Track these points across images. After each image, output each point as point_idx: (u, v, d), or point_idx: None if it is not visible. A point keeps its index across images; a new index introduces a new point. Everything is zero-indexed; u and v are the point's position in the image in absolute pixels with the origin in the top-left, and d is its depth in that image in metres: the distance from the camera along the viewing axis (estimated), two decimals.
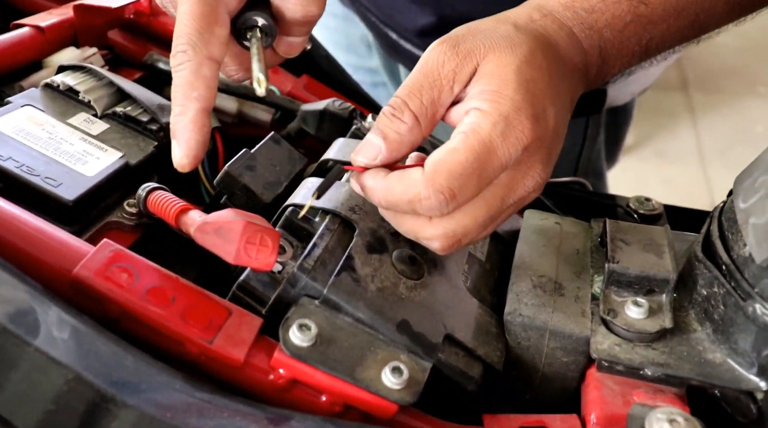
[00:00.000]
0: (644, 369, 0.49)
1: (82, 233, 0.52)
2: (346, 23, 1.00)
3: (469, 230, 0.48)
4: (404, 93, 0.48)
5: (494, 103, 0.47)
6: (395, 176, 0.48)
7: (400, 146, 0.48)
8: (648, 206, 0.68)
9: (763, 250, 0.47)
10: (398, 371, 0.45)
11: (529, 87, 0.47)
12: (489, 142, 0.46)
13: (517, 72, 0.47)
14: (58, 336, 0.42)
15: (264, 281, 0.49)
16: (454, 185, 0.46)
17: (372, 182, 0.48)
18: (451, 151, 0.46)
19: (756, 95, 2.83)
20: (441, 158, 0.46)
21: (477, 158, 0.46)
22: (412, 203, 0.47)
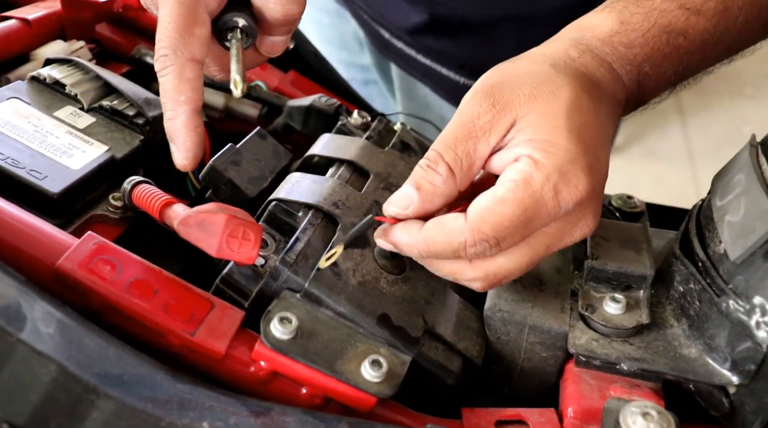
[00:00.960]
0: (620, 364, 0.49)
1: (67, 225, 0.52)
2: (338, 20, 1.01)
3: (511, 272, 0.48)
4: (440, 146, 0.47)
5: (547, 153, 0.45)
6: (434, 226, 0.47)
7: (434, 198, 0.47)
8: (630, 204, 0.69)
9: (737, 247, 0.48)
10: (377, 364, 0.46)
11: (581, 134, 0.46)
12: (540, 196, 0.45)
13: (567, 119, 0.46)
14: (43, 328, 0.43)
15: (247, 274, 0.50)
16: (499, 236, 0.45)
17: (407, 237, 0.48)
18: (499, 202, 0.45)
19: (744, 97, 2.85)
20: (488, 207, 0.45)
21: (525, 212, 0.45)
22: (455, 252, 0.46)
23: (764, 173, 0.48)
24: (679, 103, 2.91)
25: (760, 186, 0.47)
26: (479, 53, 0.86)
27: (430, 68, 0.90)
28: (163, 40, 0.49)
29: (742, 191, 0.49)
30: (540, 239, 0.47)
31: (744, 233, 0.47)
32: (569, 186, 0.45)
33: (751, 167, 0.49)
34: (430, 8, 0.85)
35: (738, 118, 2.71)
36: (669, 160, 2.66)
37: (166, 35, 0.49)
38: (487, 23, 0.82)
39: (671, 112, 2.86)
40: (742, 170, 0.50)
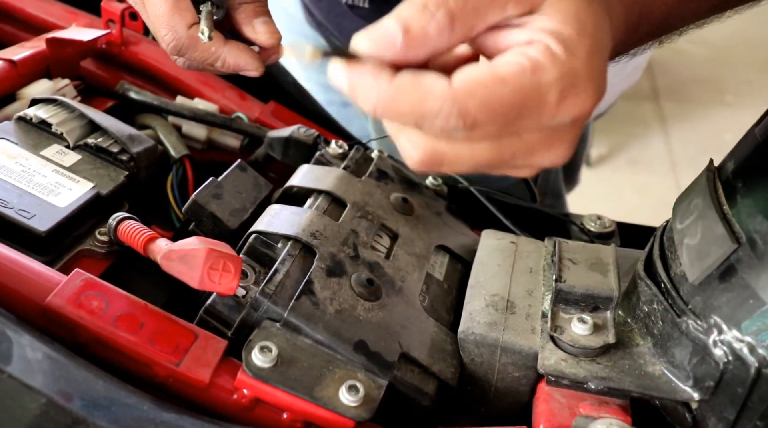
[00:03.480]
0: (588, 383, 0.52)
1: (55, 262, 0.54)
2: (313, 42, 1.03)
3: (460, 162, 0.42)
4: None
5: (569, 52, 0.39)
6: (410, 81, 0.39)
7: (419, 48, 0.39)
8: (600, 224, 0.71)
9: (695, 269, 0.50)
10: (354, 389, 0.48)
11: (601, 49, 0.41)
12: (545, 92, 0.39)
13: (596, 27, 0.40)
14: (31, 362, 0.45)
15: (229, 305, 0.52)
16: (481, 117, 0.38)
17: (371, 83, 0.39)
18: (497, 79, 0.38)
19: (724, 105, 2.89)
20: (482, 81, 0.38)
21: (521, 102, 0.38)
22: (421, 118, 0.39)
23: (719, 199, 0.51)
24: (660, 113, 2.95)
25: (715, 211, 0.50)
26: None
27: None
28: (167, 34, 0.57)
29: (699, 215, 0.52)
30: (512, 144, 0.41)
31: (700, 256, 0.50)
32: (577, 97, 0.39)
33: (707, 193, 0.52)
34: None
35: (719, 125, 2.75)
36: (652, 169, 2.70)
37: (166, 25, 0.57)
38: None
39: (653, 121, 2.90)
40: (700, 194, 0.53)
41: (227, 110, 0.77)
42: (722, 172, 0.52)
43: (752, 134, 0.52)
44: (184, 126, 0.74)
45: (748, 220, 0.47)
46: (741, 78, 3.00)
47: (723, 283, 0.48)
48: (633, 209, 2.44)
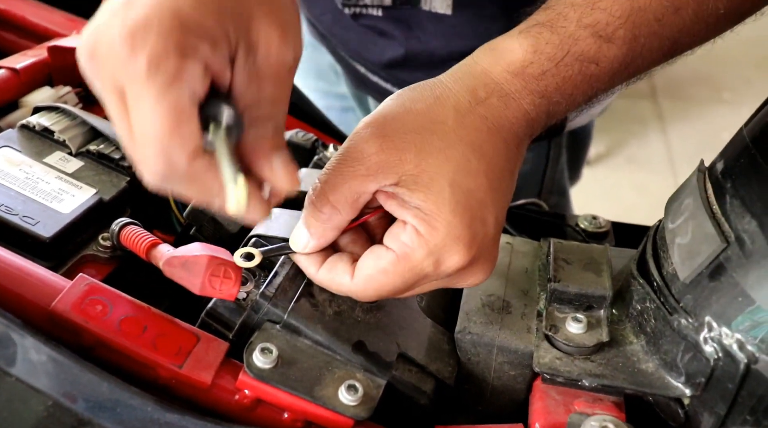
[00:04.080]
0: (582, 381, 0.53)
1: (59, 267, 0.56)
2: (314, 52, 1.04)
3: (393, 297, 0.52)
4: (324, 179, 0.48)
5: (430, 228, 0.47)
6: (325, 275, 0.50)
7: (325, 233, 0.50)
8: (595, 224, 0.72)
9: (686, 268, 0.51)
10: (353, 388, 0.49)
11: (467, 203, 0.48)
12: (420, 269, 0.48)
13: (453, 187, 0.47)
14: (38, 366, 0.46)
15: (230, 308, 0.53)
16: (382, 296, 0.50)
17: (306, 270, 0.52)
18: (380, 272, 0.48)
19: (722, 102, 2.90)
20: (370, 275, 0.48)
21: (405, 282, 0.48)
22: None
23: (709, 199, 0.52)
24: (659, 111, 2.96)
25: (705, 211, 0.51)
26: None
27: None
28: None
29: (690, 215, 0.53)
30: (427, 286, 0.51)
31: (691, 255, 0.51)
32: (450, 259, 0.48)
33: (698, 192, 0.53)
34: (405, 44, 0.88)
35: (716, 123, 2.76)
36: (650, 167, 2.71)
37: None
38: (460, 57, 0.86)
39: (651, 119, 2.92)
40: (691, 194, 0.54)
41: None
42: (712, 172, 0.53)
43: (741, 135, 0.53)
44: None
45: (736, 219, 0.48)
46: (738, 76, 3.01)
47: (713, 281, 0.49)
48: (631, 206, 2.45)
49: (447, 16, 0.83)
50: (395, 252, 0.48)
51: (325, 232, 0.50)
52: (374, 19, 0.88)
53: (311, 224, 0.50)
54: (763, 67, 3.02)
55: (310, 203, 0.49)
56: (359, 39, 0.90)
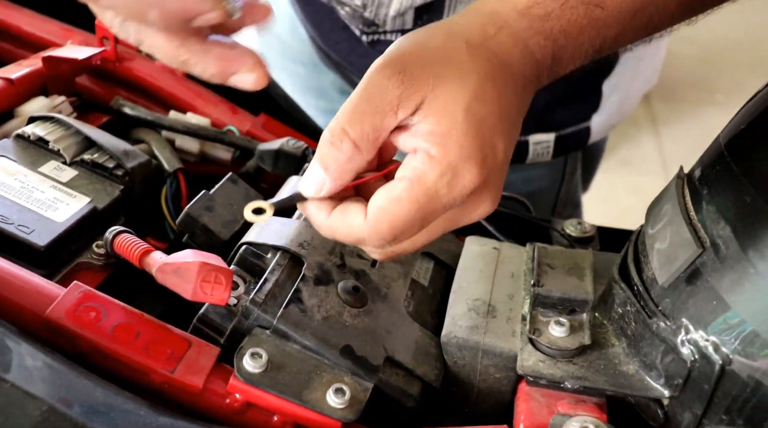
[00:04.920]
0: (565, 383, 0.54)
1: (54, 274, 0.57)
2: (315, 70, 1.04)
3: (408, 251, 0.52)
4: (345, 119, 0.47)
5: (443, 148, 0.47)
6: (338, 217, 0.49)
7: (343, 175, 0.48)
8: (581, 229, 0.74)
9: (664, 273, 0.53)
10: (341, 392, 0.51)
11: (479, 128, 0.48)
12: (434, 192, 0.47)
13: (467, 112, 0.47)
14: (33, 372, 0.47)
15: (222, 313, 0.55)
16: (396, 232, 0.48)
17: (316, 218, 0.50)
18: (394, 200, 0.47)
19: (714, 104, 2.92)
20: (383, 207, 0.47)
21: (420, 208, 0.47)
22: (355, 242, 0.50)
23: (687, 205, 0.53)
24: (651, 113, 2.98)
25: (683, 217, 0.52)
26: None
27: None
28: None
29: (668, 220, 0.54)
30: (438, 223, 0.50)
31: (669, 260, 0.52)
32: (463, 181, 0.47)
33: (676, 199, 0.54)
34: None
35: (709, 125, 2.77)
36: (644, 169, 2.73)
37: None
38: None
39: (644, 122, 2.93)
40: (669, 201, 0.55)
41: (219, 124, 0.79)
42: (690, 178, 0.55)
43: (717, 142, 0.54)
44: (178, 140, 0.76)
45: (711, 225, 0.50)
46: (731, 78, 3.03)
47: (690, 286, 0.51)
48: (626, 209, 2.46)
49: None
50: (408, 177, 0.47)
51: (343, 173, 0.48)
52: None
53: (329, 164, 0.48)
54: (756, 70, 3.04)
55: (328, 143, 0.47)
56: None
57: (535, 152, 0.93)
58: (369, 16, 0.84)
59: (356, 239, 0.49)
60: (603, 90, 0.92)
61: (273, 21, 0.51)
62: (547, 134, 0.92)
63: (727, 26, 3.29)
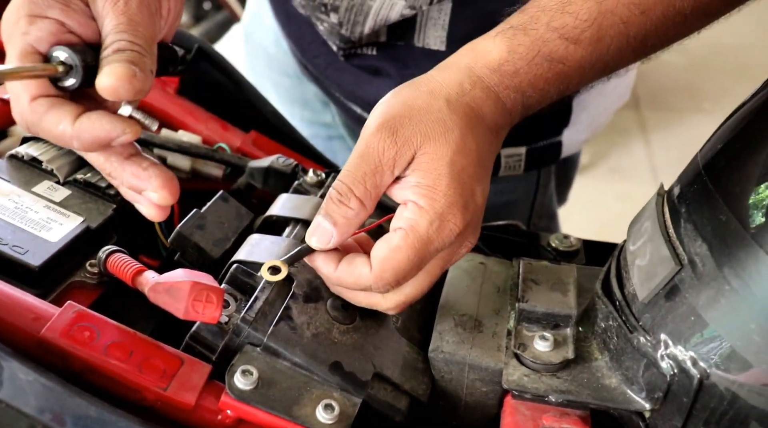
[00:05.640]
0: (549, 396, 0.55)
1: (48, 294, 0.58)
2: (299, 82, 1.06)
3: (417, 294, 0.57)
4: (349, 180, 0.53)
5: (430, 199, 0.53)
6: (345, 269, 0.55)
7: (349, 228, 0.54)
8: (566, 243, 0.75)
9: (644, 289, 0.54)
10: (330, 407, 0.52)
11: (460, 178, 0.54)
12: (427, 238, 0.53)
13: (450, 165, 0.54)
14: (27, 390, 0.48)
15: (213, 331, 0.56)
16: (398, 277, 0.54)
17: (324, 269, 0.56)
18: (394, 249, 0.53)
19: (702, 112, 2.95)
20: (386, 256, 0.53)
21: (417, 254, 0.53)
22: (365, 290, 0.56)
23: (666, 222, 0.55)
24: (641, 121, 3.01)
25: (662, 234, 0.54)
26: None
27: None
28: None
29: (648, 238, 0.56)
30: (434, 264, 0.56)
31: (649, 276, 0.54)
32: (449, 225, 0.53)
33: (656, 216, 0.56)
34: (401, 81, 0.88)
35: (697, 132, 2.79)
36: (633, 176, 2.75)
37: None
38: None
39: (634, 129, 2.96)
40: (649, 218, 0.57)
41: (210, 141, 0.81)
42: (670, 196, 0.56)
43: (695, 161, 0.56)
44: (169, 157, 0.77)
45: (689, 243, 0.51)
46: (718, 86, 3.06)
47: (669, 302, 0.52)
48: (616, 217, 2.48)
49: (441, 52, 0.85)
50: (402, 227, 0.53)
51: (349, 227, 0.54)
52: (369, 59, 0.90)
53: (338, 219, 0.54)
54: (743, 77, 3.06)
55: (337, 201, 0.53)
56: (354, 80, 0.92)
57: (507, 165, 0.96)
58: (345, 33, 0.86)
59: (364, 287, 0.55)
60: (573, 106, 0.95)
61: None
62: (518, 148, 0.96)
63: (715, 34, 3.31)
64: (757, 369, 0.48)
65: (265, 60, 1.10)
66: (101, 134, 0.51)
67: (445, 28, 0.84)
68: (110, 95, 0.50)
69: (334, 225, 0.54)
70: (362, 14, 0.84)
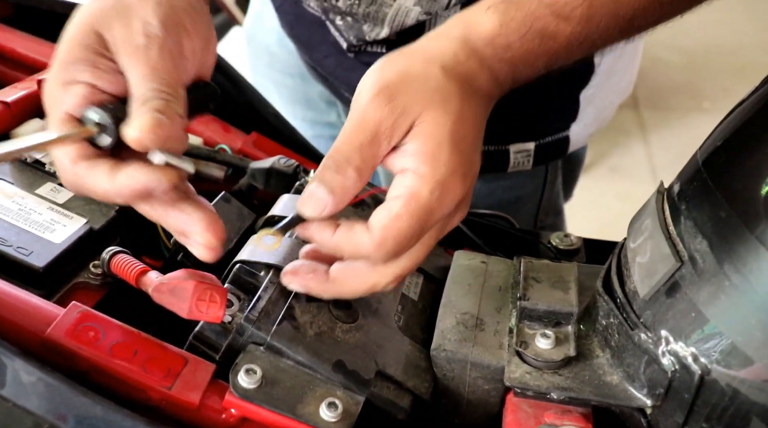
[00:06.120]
0: (550, 394, 0.56)
1: (52, 294, 0.58)
2: (303, 82, 1.06)
3: (412, 267, 0.56)
4: (345, 149, 0.52)
5: (431, 167, 0.52)
6: (343, 235, 0.53)
7: (345, 198, 0.52)
8: (567, 242, 0.76)
9: (645, 286, 0.54)
10: (334, 406, 0.52)
11: (460, 147, 0.53)
12: (428, 206, 0.52)
13: (451, 134, 0.52)
14: (33, 390, 0.49)
15: (217, 330, 0.56)
16: (399, 247, 0.52)
17: (320, 236, 0.54)
18: (395, 217, 0.51)
19: (702, 111, 2.96)
20: (387, 225, 0.51)
21: (418, 222, 0.52)
22: (361, 258, 0.53)
23: (666, 219, 0.55)
24: (640, 120, 3.01)
25: (662, 232, 0.54)
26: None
27: None
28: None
29: (649, 235, 0.56)
30: (430, 234, 0.55)
31: (649, 273, 0.54)
32: (451, 194, 0.53)
33: (656, 214, 0.56)
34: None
35: (697, 132, 2.79)
36: (633, 176, 2.76)
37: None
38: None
39: (633, 129, 2.96)
40: (650, 215, 0.57)
41: (211, 142, 0.81)
42: (670, 194, 0.57)
43: (695, 158, 0.56)
44: None
45: (689, 239, 0.52)
46: (717, 85, 3.06)
47: (669, 299, 0.52)
48: (616, 216, 2.48)
49: None
50: (403, 196, 0.52)
51: (344, 197, 0.52)
52: (378, 56, 0.89)
53: (335, 188, 0.51)
54: (742, 77, 3.07)
55: (333, 170, 0.51)
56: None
57: (515, 161, 0.96)
58: (366, 30, 0.86)
59: (362, 255, 0.53)
60: (580, 100, 0.95)
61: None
62: (527, 143, 0.96)
63: (713, 33, 3.33)
64: (758, 364, 0.49)
65: (268, 60, 1.10)
66: (138, 187, 0.51)
67: None
68: (138, 147, 0.50)
69: (331, 194, 0.52)
70: (378, 20, 0.84)
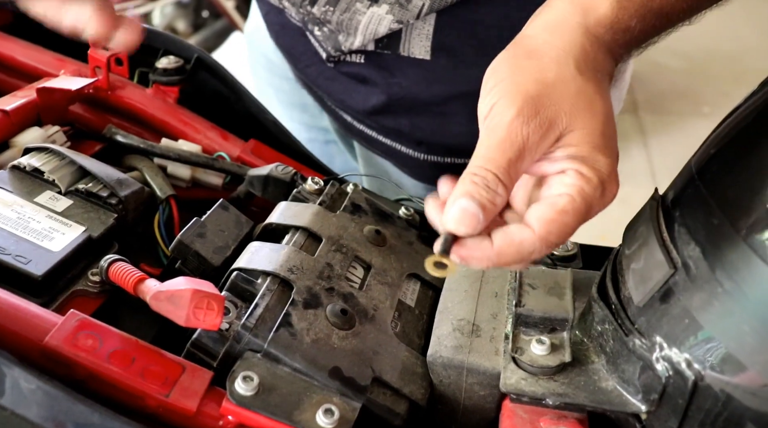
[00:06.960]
0: (546, 399, 0.56)
1: (51, 302, 0.59)
2: (298, 86, 1.07)
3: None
4: (493, 166, 0.52)
5: (592, 169, 0.53)
6: (504, 242, 0.53)
7: (493, 214, 0.53)
8: (563, 248, 0.76)
9: (639, 293, 0.55)
10: (330, 412, 0.52)
11: (612, 145, 0.55)
12: (591, 204, 0.53)
13: (602, 136, 0.54)
14: (32, 399, 0.49)
15: (214, 338, 0.56)
16: (560, 240, 0.53)
17: (479, 253, 0.53)
18: (561, 212, 0.52)
19: (702, 116, 2.96)
20: (552, 219, 0.52)
21: (581, 218, 0.53)
22: (523, 260, 0.54)
23: (660, 226, 0.56)
24: (640, 125, 3.01)
25: (656, 238, 0.54)
26: (434, 130, 0.92)
27: (390, 147, 0.96)
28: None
29: (643, 242, 0.56)
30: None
31: (643, 280, 0.54)
32: (610, 193, 0.54)
33: (650, 221, 0.57)
34: (387, 90, 0.90)
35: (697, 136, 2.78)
36: (633, 180, 2.76)
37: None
38: (440, 101, 0.89)
39: (633, 133, 2.97)
40: (644, 222, 0.57)
41: (210, 149, 0.81)
42: (664, 201, 0.57)
43: (688, 166, 0.57)
44: (170, 166, 0.78)
45: (683, 246, 0.52)
46: (717, 90, 3.07)
47: (663, 305, 0.53)
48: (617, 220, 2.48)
49: (426, 61, 0.86)
50: (568, 193, 0.52)
51: (494, 213, 0.53)
52: (357, 67, 0.90)
53: (486, 205, 0.52)
54: (742, 82, 3.07)
55: (483, 187, 0.51)
56: (343, 88, 0.93)
57: None
58: (341, 40, 0.87)
59: (527, 253, 0.53)
60: None
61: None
62: None
63: (713, 38, 3.34)
64: (751, 370, 0.49)
65: (267, 65, 1.11)
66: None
67: (430, 38, 0.85)
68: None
69: (483, 210, 0.51)
70: (352, 28, 0.85)
